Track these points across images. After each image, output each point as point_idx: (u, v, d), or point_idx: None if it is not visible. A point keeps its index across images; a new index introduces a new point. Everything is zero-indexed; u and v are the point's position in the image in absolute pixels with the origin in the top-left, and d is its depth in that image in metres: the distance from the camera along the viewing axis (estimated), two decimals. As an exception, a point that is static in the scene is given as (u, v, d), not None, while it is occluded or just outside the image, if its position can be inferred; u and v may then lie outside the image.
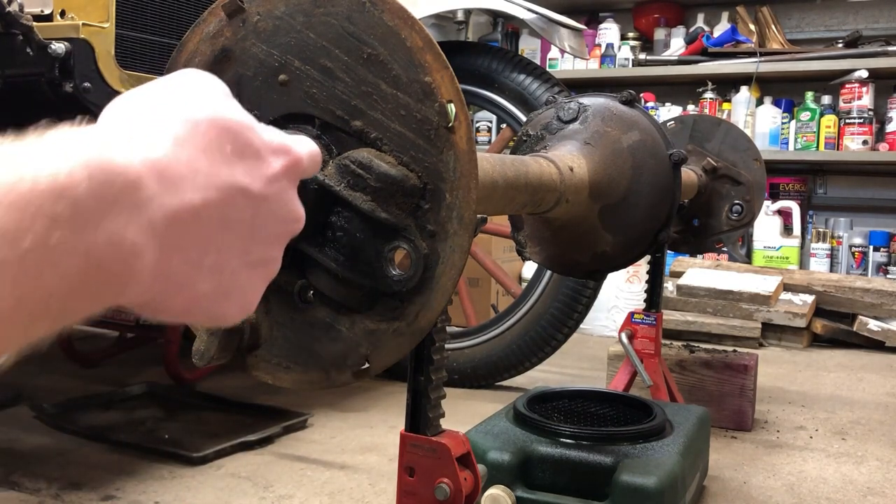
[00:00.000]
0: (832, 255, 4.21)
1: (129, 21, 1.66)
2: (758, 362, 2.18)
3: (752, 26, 4.42)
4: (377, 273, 0.78)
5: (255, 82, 0.83)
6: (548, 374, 2.65)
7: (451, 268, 0.76)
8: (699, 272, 3.56)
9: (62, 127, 0.39)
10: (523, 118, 2.34)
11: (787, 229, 4.21)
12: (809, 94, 4.21)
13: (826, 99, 4.23)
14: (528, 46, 4.84)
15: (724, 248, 3.61)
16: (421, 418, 0.91)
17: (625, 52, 4.58)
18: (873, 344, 3.30)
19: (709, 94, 4.40)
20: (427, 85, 0.76)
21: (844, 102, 4.13)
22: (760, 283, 3.38)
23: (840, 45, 4.23)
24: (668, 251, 2.29)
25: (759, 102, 4.35)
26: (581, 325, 2.42)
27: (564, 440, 1.30)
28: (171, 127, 0.42)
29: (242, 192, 0.44)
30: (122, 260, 0.37)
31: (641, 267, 3.20)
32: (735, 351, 2.24)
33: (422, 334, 0.79)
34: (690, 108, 4.50)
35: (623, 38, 4.71)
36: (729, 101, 4.40)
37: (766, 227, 4.18)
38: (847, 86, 4.11)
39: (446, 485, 0.88)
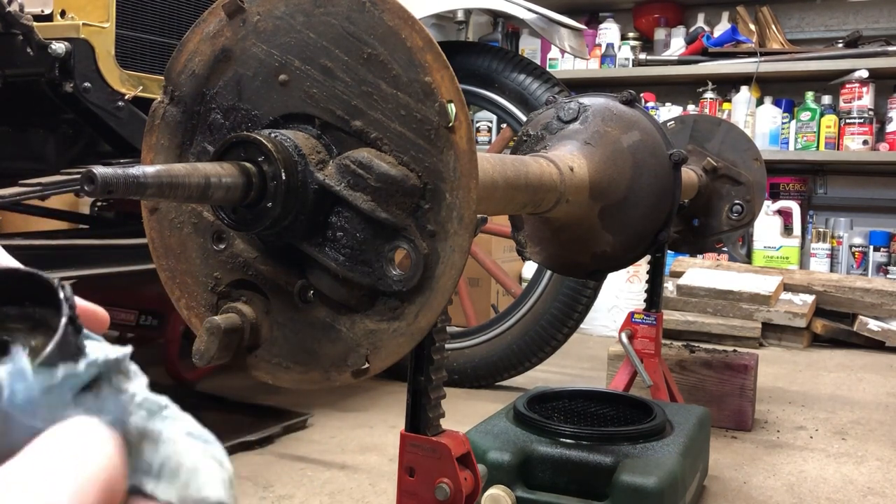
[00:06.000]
0: (832, 255, 4.21)
1: (129, 21, 1.66)
2: (758, 362, 2.18)
3: (752, 26, 4.42)
4: (377, 273, 0.78)
5: (256, 82, 0.83)
6: (548, 374, 2.65)
7: (451, 268, 0.76)
8: (699, 272, 3.55)
9: None
10: (523, 118, 2.34)
11: (788, 229, 4.21)
12: (809, 94, 4.20)
13: (826, 99, 4.23)
14: (529, 46, 4.84)
15: (724, 248, 3.61)
16: (421, 418, 0.91)
17: (625, 52, 4.58)
18: (873, 344, 3.30)
19: (709, 94, 4.40)
20: (427, 85, 0.76)
21: (844, 102, 4.13)
22: (760, 283, 3.38)
23: (840, 45, 4.23)
24: (668, 251, 2.29)
25: (760, 102, 4.35)
26: (581, 325, 2.42)
27: (564, 440, 1.30)
28: None
29: None
30: None
31: (641, 267, 3.20)
32: (735, 351, 2.24)
33: (422, 334, 0.79)
34: (690, 108, 4.50)
35: (623, 38, 4.71)
36: (729, 101, 4.40)
37: (766, 227, 4.18)
38: (847, 86, 4.11)
39: (446, 485, 0.88)
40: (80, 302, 0.41)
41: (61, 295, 0.37)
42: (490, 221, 2.06)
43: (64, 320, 0.36)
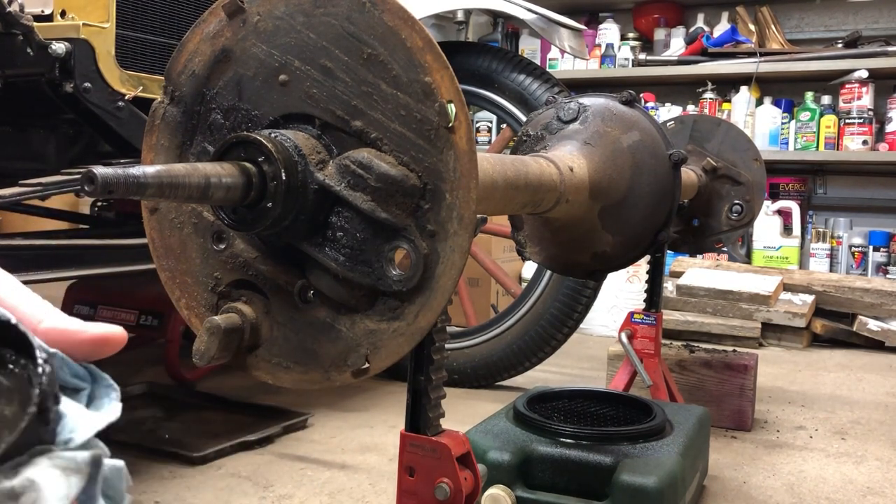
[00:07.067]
0: (832, 255, 4.21)
1: (129, 21, 1.66)
2: (758, 362, 2.18)
3: (751, 26, 4.43)
4: (377, 273, 0.78)
5: (256, 82, 0.83)
6: (548, 374, 2.65)
7: (451, 268, 0.76)
8: (699, 272, 3.56)
9: None
10: (523, 118, 2.34)
11: (787, 229, 4.21)
12: (809, 94, 4.21)
13: (826, 99, 4.23)
14: (528, 46, 4.84)
15: (724, 248, 3.61)
16: (421, 418, 0.91)
17: (625, 53, 4.58)
18: (873, 344, 3.30)
19: (709, 95, 4.40)
20: (427, 85, 0.76)
21: (844, 102, 4.13)
22: (760, 283, 3.38)
23: (840, 45, 4.23)
24: (668, 251, 2.29)
25: (759, 102, 4.35)
26: (581, 325, 2.42)
27: (564, 440, 1.30)
28: None
29: None
30: None
31: (641, 267, 3.20)
32: (735, 351, 2.24)
33: (422, 334, 0.79)
34: (690, 108, 4.50)
35: (623, 38, 4.71)
36: (729, 101, 4.40)
37: (766, 227, 4.18)
38: (847, 86, 4.11)
39: (446, 485, 0.88)
40: (97, 328, 0.42)
41: (38, 382, 0.36)
42: (490, 221, 2.06)
43: (25, 422, 0.35)
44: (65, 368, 0.41)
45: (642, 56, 4.60)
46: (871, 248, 4.16)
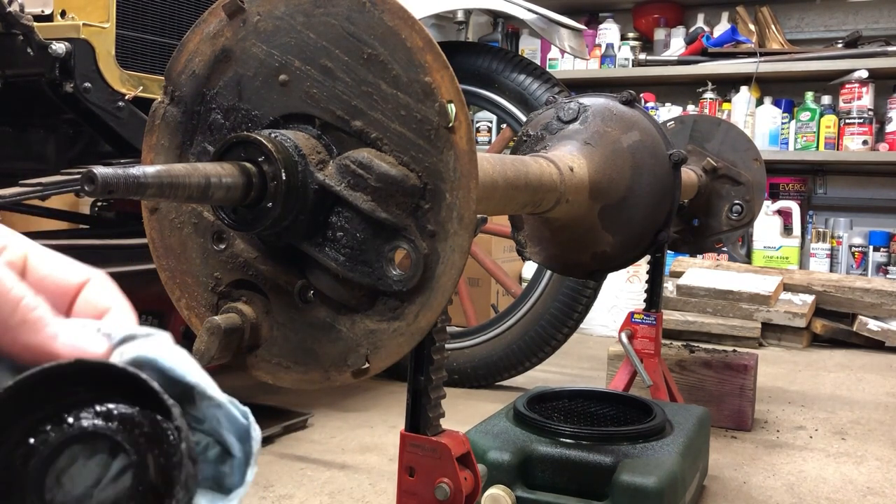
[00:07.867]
0: (832, 255, 4.21)
1: (129, 21, 1.66)
2: (758, 362, 2.18)
3: (751, 26, 4.42)
4: (377, 273, 0.78)
5: (256, 82, 0.83)
6: (548, 374, 2.65)
7: (451, 268, 0.76)
8: (699, 272, 3.56)
9: None
10: (523, 118, 2.34)
11: (787, 229, 4.21)
12: (809, 95, 4.20)
13: (826, 99, 4.23)
14: (528, 46, 4.84)
15: (724, 248, 3.61)
16: (421, 418, 0.91)
17: (625, 53, 4.58)
18: (873, 344, 3.30)
19: (709, 95, 4.40)
20: (427, 85, 0.76)
21: (844, 102, 4.13)
22: (760, 283, 3.38)
23: (840, 45, 4.23)
24: (668, 251, 2.29)
25: (759, 102, 4.35)
26: (581, 325, 2.42)
27: (564, 440, 1.30)
28: None
29: None
30: None
31: (641, 267, 3.20)
32: (735, 351, 2.24)
33: (422, 334, 0.79)
34: (690, 108, 4.50)
35: (623, 38, 4.71)
36: (729, 101, 4.39)
37: (766, 227, 4.18)
38: (847, 86, 4.11)
39: (446, 485, 0.88)
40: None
41: (181, 475, 0.34)
42: (490, 221, 2.06)
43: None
44: (228, 424, 0.36)
45: (642, 56, 4.60)
46: (871, 248, 4.16)
